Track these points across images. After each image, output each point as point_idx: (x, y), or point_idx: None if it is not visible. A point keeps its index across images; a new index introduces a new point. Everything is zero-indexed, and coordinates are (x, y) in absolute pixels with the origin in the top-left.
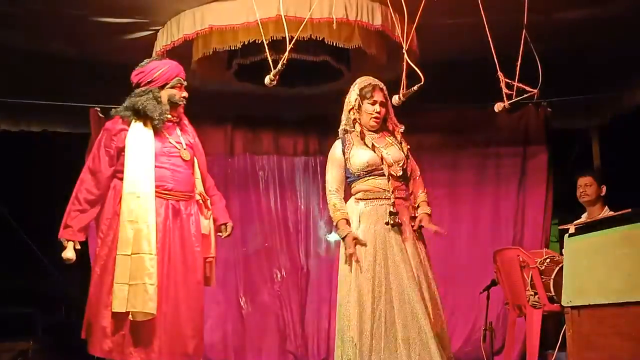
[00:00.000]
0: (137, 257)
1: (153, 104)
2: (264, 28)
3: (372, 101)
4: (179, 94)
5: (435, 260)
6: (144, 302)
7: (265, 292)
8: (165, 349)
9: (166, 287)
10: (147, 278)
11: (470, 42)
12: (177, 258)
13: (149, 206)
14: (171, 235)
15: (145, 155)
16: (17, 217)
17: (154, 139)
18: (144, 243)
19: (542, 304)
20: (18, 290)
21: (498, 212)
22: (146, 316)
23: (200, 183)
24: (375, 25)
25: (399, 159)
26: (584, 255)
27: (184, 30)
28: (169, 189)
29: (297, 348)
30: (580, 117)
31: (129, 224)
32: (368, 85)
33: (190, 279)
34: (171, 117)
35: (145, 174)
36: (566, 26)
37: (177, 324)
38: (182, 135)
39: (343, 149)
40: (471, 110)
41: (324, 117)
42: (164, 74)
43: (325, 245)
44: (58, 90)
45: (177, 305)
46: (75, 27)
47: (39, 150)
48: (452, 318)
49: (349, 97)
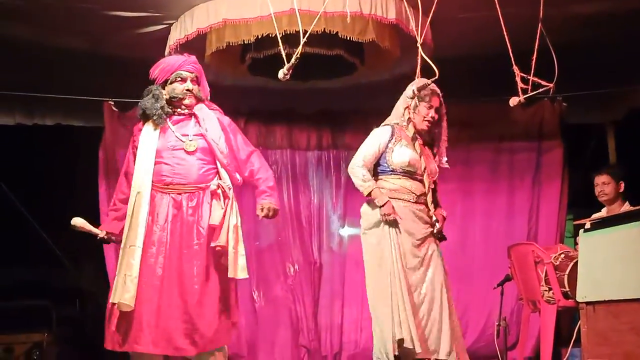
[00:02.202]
0: (127, 249)
1: (151, 102)
2: (278, 22)
3: (429, 105)
4: (180, 88)
5: (450, 255)
6: (122, 293)
7: (278, 286)
8: (158, 341)
9: (160, 279)
10: (128, 270)
11: (485, 36)
12: (175, 251)
13: (144, 201)
14: (171, 228)
15: (146, 154)
16: (31, 210)
17: (157, 136)
18: (134, 235)
19: (557, 299)
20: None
21: (512, 207)
22: (126, 307)
23: (225, 172)
24: (390, 19)
25: (434, 172)
26: (599, 250)
27: (197, 24)
28: (168, 183)
29: (310, 342)
30: (595, 111)
31: (129, 218)
32: (428, 89)
33: (187, 272)
34: (181, 111)
35: (145, 171)
36: (582, 20)
37: (169, 316)
38: (194, 126)
39: (390, 138)
40: (485, 105)
41: (338, 111)
42: (162, 71)
43: (338, 239)
44: (72, 84)
45: (172, 298)
46: (89, 21)
47: (53, 144)
48: (466, 313)
49: (406, 95)
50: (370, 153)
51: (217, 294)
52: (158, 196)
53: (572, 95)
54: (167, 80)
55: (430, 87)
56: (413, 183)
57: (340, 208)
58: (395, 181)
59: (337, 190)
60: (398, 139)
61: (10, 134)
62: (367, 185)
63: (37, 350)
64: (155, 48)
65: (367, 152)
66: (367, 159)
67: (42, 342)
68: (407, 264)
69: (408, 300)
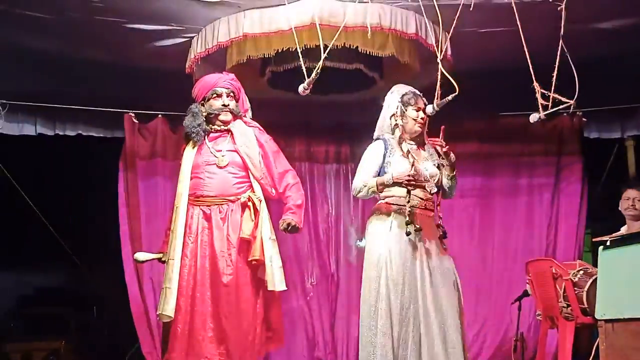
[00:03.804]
0: (168, 262)
1: (190, 120)
2: (298, 36)
3: (417, 107)
4: (216, 104)
5: (467, 269)
6: (163, 305)
7: (294, 298)
8: (190, 351)
9: (192, 289)
10: (168, 282)
11: (505, 51)
12: (205, 261)
13: (181, 216)
14: (201, 239)
15: (184, 171)
16: (50, 219)
17: (194, 154)
18: (173, 249)
19: (575, 316)
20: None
21: (531, 222)
22: (167, 318)
23: (258, 186)
24: (409, 33)
25: (434, 174)
26: (619, 267)
27: (218, 37)
28: (198, 195)
29: (326, 354)
30: (615, 126)
31: (171, 232)
32: (409, 93)
33: (218, 282)
34: (217, 127)
35: (183, 187)
36: (602, 35)
37: (202, 326)
38: (229, 142)
39: (385, 152)
40: (505, 119)
41: (356, 125)
42: (201, 89)
43: (355, 252)
44: (93, 96)
45: (204, 308)
46: (111, 34)
47: (74, 154)
48: (483, 327)
49: (387, 103)
50: (371, 171)
51: (253, 306)
52: (191, 209)
53: (591, 110)
54: (205, 98)
55: (411, 90)
56: (415, 190)
57: (358, 221)
58: (397, 191)
59: (354, 203)
60: (392, 151)
61: (31, 144)
62: (371, 184)
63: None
64: (176, 61)
65: (367, 171)
66: (367, 178)
67: (60, 350)
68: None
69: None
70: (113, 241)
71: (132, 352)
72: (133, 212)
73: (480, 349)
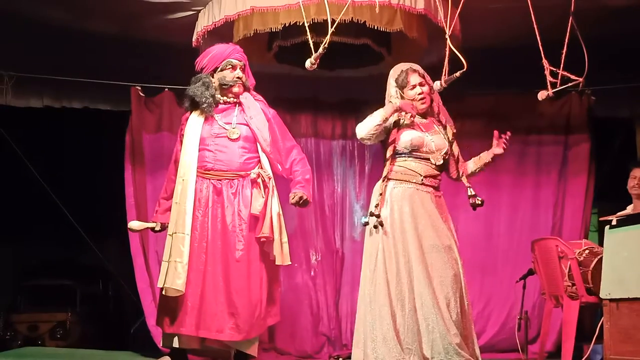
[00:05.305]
0: (175, 236)
1: (201, 90)
2: (306, 10)
3: (411, 86)
4: (230, 76)
5: (473, 247)
6: (173, 278)
7: (299, 274)
8: (200, 325)
9: (204, 264)
10: (178, 256)
11: (514, 28)
12: (217, 236)
13: (190, 188)
14: (212, 213)
15: (191, 142)
16: (56, 191)
17: (202, 124)
18: (181, 223)
19: (580, 295)
20: (56, 262)
21: (538, 201)
22: (176, 292)
23: (266, 161)
24: (418, 9)
25: (442, 147)
26: (624, 247)
27: (225, 11)
28: (209, 168)
29: (330, 330)
30: (624, 105)
31: (175, 205)
32: (401, 73)
33: (229, 257)
34: (227, 99)
35: (190, 159)
36: (613, 12)
37: (213, 301)
38: (239, 114)
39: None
40: (513, 97)
41: (363, 101)
42: (212, 59)
43: (360, 228)
44: (100, 68)
45: (215, 283)
46: (118, 6)
47: (80, 126)
48: (488, 305)
49: (388, 92)
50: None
51: (260, 281)
52: (199, 182)
53: (600, 89)
54: (217, 68)
55: (403, 69)
56: (418, 164)
57: (364, 198)
58: (401, 163)
59: (360, 180)
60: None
61: (38, 117)
62: (374, 114)
63: (61, 328)
64: (182, 34)
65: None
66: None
67: (66, 321)
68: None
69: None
70: (119, 214)
71: (137, 324)
72: (139, 185)
73: (484, 327)
